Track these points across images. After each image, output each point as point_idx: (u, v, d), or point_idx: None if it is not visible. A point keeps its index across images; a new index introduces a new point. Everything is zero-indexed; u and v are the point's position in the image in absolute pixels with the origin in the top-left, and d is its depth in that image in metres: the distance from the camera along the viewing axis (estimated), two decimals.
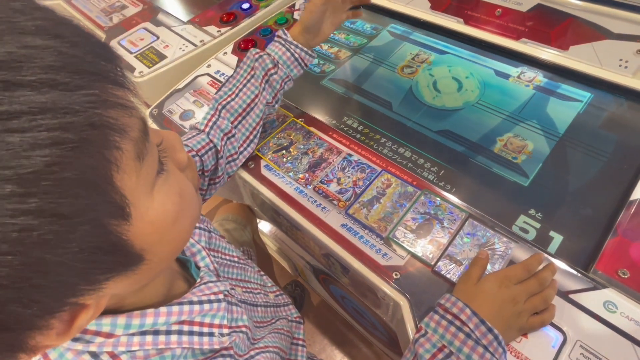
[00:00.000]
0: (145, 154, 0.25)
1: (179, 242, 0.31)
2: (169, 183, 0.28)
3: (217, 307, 0.36)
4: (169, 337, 0.32)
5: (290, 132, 0.71)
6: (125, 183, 0.23)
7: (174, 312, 0.32)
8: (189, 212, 0.30)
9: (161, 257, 0.28)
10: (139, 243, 0.25)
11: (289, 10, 0.98)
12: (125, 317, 0.29)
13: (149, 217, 0.25)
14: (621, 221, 0.51)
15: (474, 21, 0.82)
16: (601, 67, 0.69)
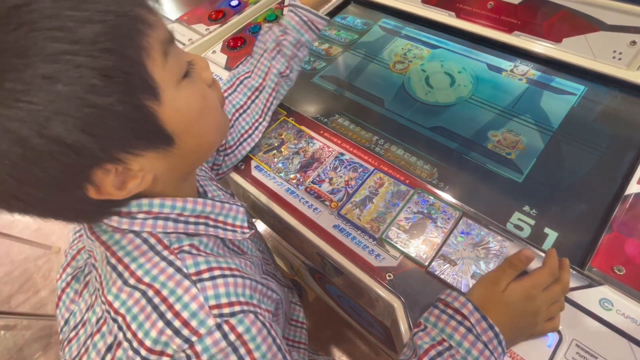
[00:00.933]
0: (170, 53, 0.32)
1: (206, 139, 0.38)
2: (193, 85, 0.35)
3: (237, 210, 0.42)
4: (197, 226, 0.38)
5: (282, 131, 0.69)
6: (154, 70, 0.30)
7: (199, 202, 0.39)
8: (212, 115, 0.38)
9: (190, 147, 0.35)
10: (169, 125, 0.32)
11: (278, 6, 0.96)
12: (160, 199, 0.36)
13: (175, 104, 0.32)
14: (616, 216, 0.51)
15: (466, 15, 0.81)
16: (595, 60, 0.69)
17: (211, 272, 0.35)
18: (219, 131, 0.41)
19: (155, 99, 0.31)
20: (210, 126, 0.38)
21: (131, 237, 0.35)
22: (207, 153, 0.41)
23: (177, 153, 0.34)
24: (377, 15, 0.93)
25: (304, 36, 0.65)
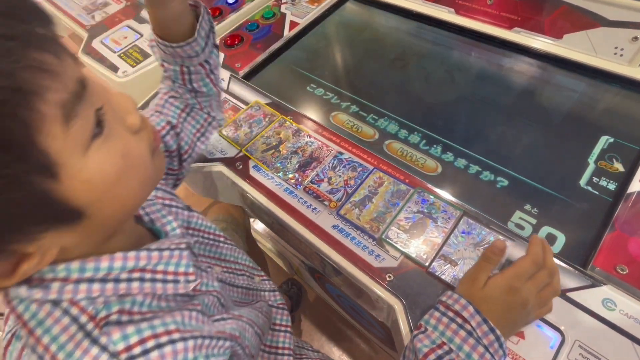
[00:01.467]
0: (75, 116, 0.25)
1: (128, 201, 0.31)
2: (108, 145, 0.28)
3: (179, 255, 0.36)
4: (130, 284, 0.32)
5: (280, 130, 0.69)
6: (50, 144, 0.23)
7: (130, 258, 0.32)
8: (136, 172, 0.31)
9: (107, 214, 0.29)
10: (74, 200, 0.26)
11: (276, 3, 0.95)
12: (79, 261, 0.30)
13: (83, 176, 0.26)
14: (619, 215, 0.50)
15: (466, 11, 0.80)
16: (596, 56, 0.68)
17: (144, 344, 0.30)
18: (147, 186, 0.34)
19: (51, 179, 0.24)
20: (135, 186, 0.31)
21: (49, 309, 0.29)
22: (135, 209, 0.34)
23: (88, 223, 0.28)
24: (376, 12, 0.92)
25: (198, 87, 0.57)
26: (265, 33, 0.88)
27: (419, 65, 0.80)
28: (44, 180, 0.24)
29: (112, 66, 0.85)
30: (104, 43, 0.92)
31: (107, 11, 1.02)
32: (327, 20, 0.92)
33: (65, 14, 1.04)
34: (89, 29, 0.97)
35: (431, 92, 0.75)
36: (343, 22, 0.92)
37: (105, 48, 0.90)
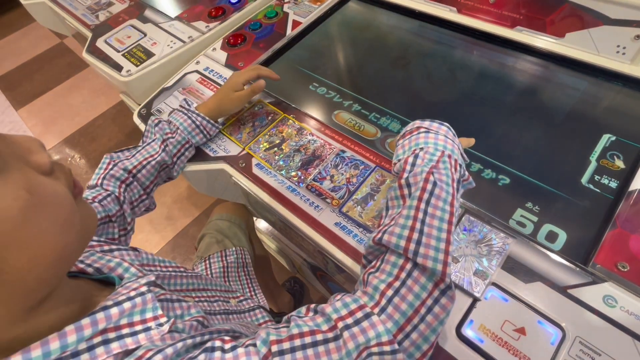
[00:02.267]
0: None
1: (46, 250, 0.25)
2: (6, 178, 0.24)
3: (142, 301, 0.31)
4: (93, 352, 0.27)
5: (282, 128, 0.69)
6: None
7: (85, 326, 0.27)
8: (51, 212, 0.26)
9: (18, 267, 0.24)
10: None
11: (279, 3, 0.96)
12: (20, 354, 0.24)
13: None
14: (620, 212, 0.50)
15: (468, 10, 0.80)
16: (598, 54, 0.68)
17: None
18: (69, 230, 0.27)
19: None
20: (50, 227, 0.26)
21: None
22: (60, 263, 0.27)
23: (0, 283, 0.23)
24: (378, 11, 0.92)
25: (194, 138, 0.65)
26: (268, 32, 0.89)
27: (421, 64, 0.80)
28: None
29: (116, 65, 0.86)
30: (108, 42, 0.93)
31: (111, 11, 1.02)
32: (330, 20, 0.93)
33: (70, 14, 1.05)
34: (93, 28, 0.98)
35: (433, 91, 0.75)
36: (345, 21, 0.93)
37: (109, 47, 0.91)
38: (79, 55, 2.21)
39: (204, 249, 0.77)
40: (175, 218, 1.49)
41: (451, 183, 0.42)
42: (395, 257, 0.38)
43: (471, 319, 0.45)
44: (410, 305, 0.35)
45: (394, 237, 0.38)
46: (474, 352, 0.43)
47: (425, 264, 0.36)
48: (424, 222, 0.39)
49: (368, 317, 0.34)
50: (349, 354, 0.32)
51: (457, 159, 0.45)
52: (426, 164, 0.43)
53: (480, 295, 0.46)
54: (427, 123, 0.48)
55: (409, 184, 0.43)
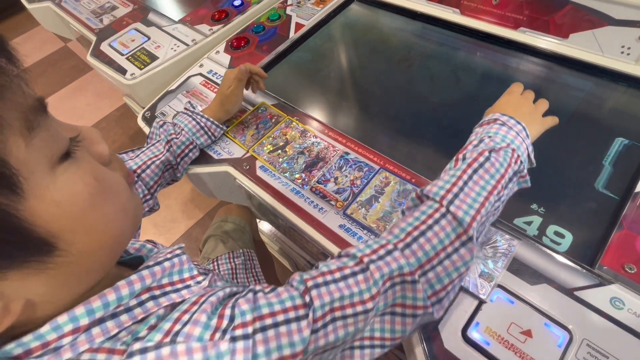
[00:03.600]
0: (37, 126, 0.24)
1: (104, 235, 0.27)
2: (78, 166, 0.26)
3: (179, 262, 0.34)
4: (144, 306, 0.29)
5: (286, 131, 0.69)
6: (9, 152, 0.22)
7: (134, 281, 0.29)
8: (113, 198, 0.28)
9: (83, 250, 0.26)
10: (42, 226, 0.23)
11: (282, 5, 0.96)
12: (82, 305, 0.26)
13: (52, 196, 0.23)
14: (627, 214, 0.50)
15: (471, 11, 0.80)
16: (602, 55, 0.68)
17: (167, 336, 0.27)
18: (126, 217, 0.30)
19: (13, 194, 0.21)
20: (112, 213, 0.28)
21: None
22: (116, 249, 0.30)
23: (64, 261, 0.24)
24: (381, 13, 0.93)
25: (199, 139, 0.66)
26: (271, 35, 0.89)
27: (424, 66, 0.80)
28: (6, 195, 0.21)
29: (120, 69, 0.87)
30: (112, 46, 0.93)
31: (115, 15, 1.03)
32: (333, 22, 0.93)
33: (74, 18, 1.06)
34: (97, 32, 0.99)
35: (437, 92, 0.75)
36: (348, 23, 0.93)
37: (113, 51, 0.92)
38: (83, 58, 2.23)
39: (210, 250, 0.78)
40: (179, 220, 1.50)
41: (505, 167, 0.43)
42: (428, 205, 0.40)
43: (477, 321, 0.45)
44: (433, 248, 0.37)
45: (435, 187, 0.41)
46: (481, 354, 0.43)
47: (456, 213, 0.38)
48: (467, 183, 0.41)
49: (390, 253, 0.37)
50: (376, 282, 0.35)
51: (521, 155, 0.46)
52: (487, 148, 0.44)
53: (486, 297, 0.46)
54: (505, 117, 0.49)
55: (465, 157, 0.45)
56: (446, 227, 0.38)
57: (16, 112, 0.23)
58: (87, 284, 0.28)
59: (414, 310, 0.37)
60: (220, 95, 0.68)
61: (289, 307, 0.31)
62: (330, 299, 0.33)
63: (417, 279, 0.37)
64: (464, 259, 0.39)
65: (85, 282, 0.28)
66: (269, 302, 0.31)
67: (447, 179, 0.42)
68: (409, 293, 0.37)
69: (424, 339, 0.45)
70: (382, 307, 0.36)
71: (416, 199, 0.43)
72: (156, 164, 0.59)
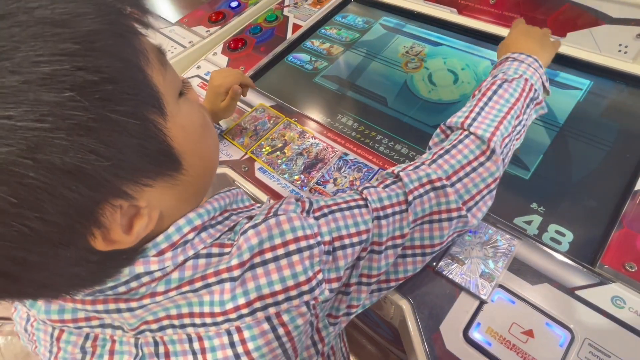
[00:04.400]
0: (167, 64, 0.29)
1: (210, 160, 0.35)
2: (190, 102, 0.32)
3: (239, 192, 0.40)
4: (231, 219, 0.36)
5: (285, 132, 0.69)
6: (155, 78, 0.27)
7: (217, 198, 0.35)
8: (212, 134, 0.35)
9: (197, 172, 0.31)
10: (176, 145, 0.28)
11: (279, 6, 0.96)
12: (193, 212, 0.32)
13: (180, 121, 0.29)
14: (626, 212, 0.50)
15: (468, 11, 0.80)
16: (600, 53, 0.68)
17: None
18: (217, 151, 0.38)
19: (161, 114, 0.27)
20: (212, 146, 0.35)
21: (192, 264, 0.31)
22: (212, 178, 0.37)
23: (184, 180, 0.30)
24: (378, 13, 0.93)
25: None
26: (269, 36, 0.89)
27: (422, 66, 0.80)
28: (156, 112, 0.26)
29: None
30: None
31: None
32: (330, 23, 0.93)
33: None
34: None
35: (435, 92, 0.75)
36: (346, 23, 0.93)
37: None
38: None
39: None
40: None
41: (520, 92, 0.47)
42: (453, 134, 0.46)
43: (478, 322, 0.45)
44: (458, 162, 0.42)
45: (455, 118, 0.46)
46: (482, 355, 0.43)
47: (477, 132, 0.43)
48: (483, 108, 0.46)
49: (419, 166, 0.43)
50: (412, 182, 0.41)
51: (534, 83, 0.48)
52: (503, 77, 0.48)
53: (487, 297, 0.46)
54: (516, 54, 0.51)
55: (481, 89, 0.48)
56: (469, 145, 0.43)
57: (153, 52, 0.27)
58: (196, 203, 0.34)
59: (448, 214, 0.41)
60: (211, 106, 0.65)
61: (350, 200, 0.39)
62: (379, 197, 0.40)
63: (446, 183, 0.41)
64: (490, 170, 0.43)
65: (195, 201, 0.34)
66: (334, 198, 0.40)
67: (465, 110, 0.47)
68: (442, 198, 0.41)
69: (425, 340, 0.45)
70: (420, 213, 0.41)
71: (441, 133, 0.48)
72: None
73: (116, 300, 0.30)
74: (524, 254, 0.49)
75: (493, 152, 0.43)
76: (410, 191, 0.40)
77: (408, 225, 0.40)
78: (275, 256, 0.32)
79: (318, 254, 0.33)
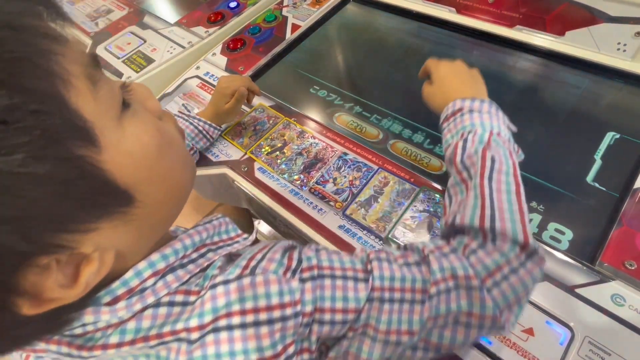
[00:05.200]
0: (99, 79, 0.24)
1: (172, 185, 0.29)
2: (139, 117, 0.27)
3: (225, 222, 0.37)
4: (206, 257, 0.32)
5: (284, 132, 0.69)
6: (81, 105, 0.22)
7: (192, 234, 0.32)
8: (175, 150, 0.30)
9: (156, 199, 0.27)
10: (121, 177, 0.24)
11: (277, 7, 0.96)
12: (157, 252, 0.29)
13: (124, 146, 0.24)
14: (626, 210, 0.50)
15: (467, 10, 0.80)
16: (599, 52, 0.68)
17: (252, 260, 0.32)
18: (186, 168, 0.32)
19: (91, 145, 0.22)
20: (176, 164, 0.30)
21: (151, 313, 0.28)
22: (182, 200, 0.32)
23: (141, 213, 0.26)
24: (377, 13, 0.93)
25: (198, 144, 0.66)
26: (267, 36, 0.89)
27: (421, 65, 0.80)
28: (82, 145, 0.21)
29: (116, 72, 0.86)
30: (108, 49, 0.93)
31: (110, 18, 1.03)
32: (329, 22, 0.93)
33: None
34: (92, 35, 0.98)
35: None
36: (344, 23, 0.93)
37: (109, 54, 0.91)
38: None
39: None
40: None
41: (509, 155, 0.42)
42: (471, 236, 0.38)
43: None
44: (494, 262, 0.35)
45: (467, 218, 0.38)
46: (482, 353, 0.43)
47: (505, 237, 0.36)
48: (492, 198, 0.38)
49: (453, 251, 0.37)
50: (434, 273, 0.34)
51: (505, 135, 0.46)
52: (478, 146, 0.43)
53: None
54: (467, 103, 0.48)
55: (466, 166, 0.43)
56: (502, 246, 0.36)
57: (80, 66, 0.23)
58: (162, 233, 0.31)
59: (481, 321, 0.34)
60: (216, 108, 0.66)
61: (349, 268, 0.34)
62: (390, 275, 0.34)
63: (481, 285, 0.34)
64: (532, 272, 0.36)
65: (161, 231, 0.30)
66: (330, 258, 0.34)
67: (472, 204, 0.39)
68: (475, 301, 0.33)
69: None
70: (443, 311, 0.33)
71: (448, 229, 0.41)
72: None
73: (69, 344, 0.27)
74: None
75: (535, 251, 0.36)
76: (435, 282, 0.34)
77: (420, 322, 0.33)
78: (243, 323, 0.28)
79: (293, 326, 0.29)
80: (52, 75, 0.21)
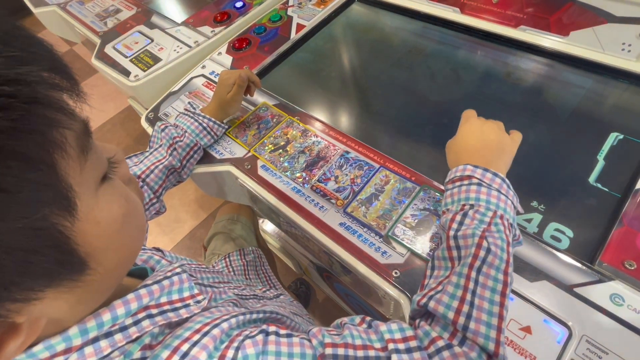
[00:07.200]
0: (89, 150, 0.24)
1: (127, 253, 0.28)
2: (113, 187, 0.27)
3: (179, 280, 0.33)
4: (139, 325, 0.29)
5: (287, 130, 0.70)
6: (69, 173, 0.22)
7: (130, 300, 0.29)
8: (136, 219, 0.29)
9: (109, 267, 0.26)
10: (83, 245, 0.23)
11: (283, 6, 0.97)
12: (76, 325, 0.26)
13: (94, 216, 0.24)
14: (627, 211, 0.50)
15: (471, 10, 0.81)
16: (603, 52, 0.67)
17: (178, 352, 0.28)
18: (142, 235, 0.30)
19: (68, 214, 0.21)
20: (135, 231, 0.29)
21: None
22: (129, 267, 0.30)
23: (90, 280, 0.24)
24: (381, 13, 0.93)
25: (202, 140, 0.67)
26: (273, 36, 0.90)
27: (425, 65, 0.80)
28: (60, 214, 0.21)
29: (124, 70, 0.88)
30: (116, 48, 0.94)
31: (119, 17, 1.04)
32: (334, 22, 0.94)
33: (79, 21, 1.07)
34: (101, 35, 1.00)
35: (438, 91, 0.75)
36: (349, 23, 0.93)
37: (117, 53, 0.93)
38: (88, 61, 2.25)
39: (219, 247, 0.79)
40: (183, 220, 1.51)
41: (506, 248, 0.39)
42: (441, 326, 0.36)
43: None
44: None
45: (442, 306, 0.36)
46: None
47: (476, 341, 0.34)
48: (475, 293, 0.36)
49: (419, 349, 0.34)
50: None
51: (509, 218, 0.42)
52: (477, 226, 0.40)
53: None
54: (479, 172, 0.44)
55: (459, 246, 0.40)
56: (470, 353, 0.34)
57: (74, 138, 0.22)
58: (104, 299, 0.28)
59: None
60: (219, 99, 0.68)
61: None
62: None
63: None
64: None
65: (103, 297, 0.28)
66: (278, 351, 0.30)
67: (451, 292, 0.37)
68: None
69: None
70: None
71: (420, 309, 0.39)
72: (159, 168, 0.60)
73: None
74: (524, 252, 0.49)
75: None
76: None
77: None
78: None
79: None
80: (55, 145, 0.21)
